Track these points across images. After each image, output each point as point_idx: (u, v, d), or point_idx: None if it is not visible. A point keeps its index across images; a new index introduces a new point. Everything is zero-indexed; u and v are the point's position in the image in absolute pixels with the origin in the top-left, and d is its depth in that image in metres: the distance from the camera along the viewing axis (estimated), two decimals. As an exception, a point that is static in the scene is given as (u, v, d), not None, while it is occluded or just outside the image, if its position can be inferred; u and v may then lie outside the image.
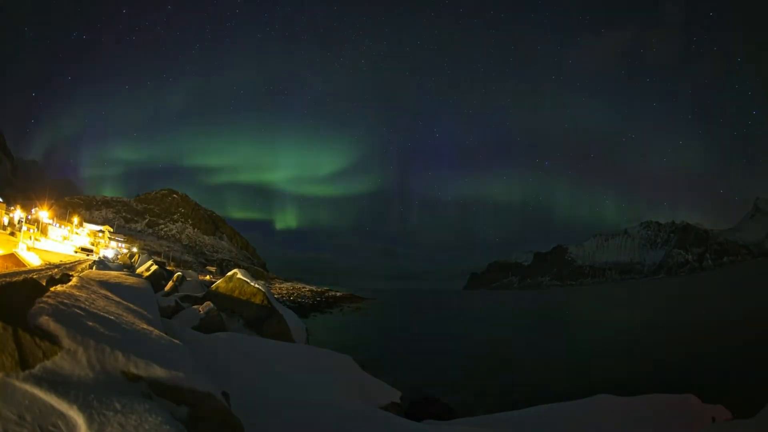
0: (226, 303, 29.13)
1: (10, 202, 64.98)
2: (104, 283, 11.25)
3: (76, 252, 49.59)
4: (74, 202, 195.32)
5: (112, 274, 16.52)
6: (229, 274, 32.05)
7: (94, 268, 23.31)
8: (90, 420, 3.81)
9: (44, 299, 5.72)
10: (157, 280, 40.11)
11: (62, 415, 3.85)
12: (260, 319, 28.74)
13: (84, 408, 3.91)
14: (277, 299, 33.95)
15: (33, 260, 27.12)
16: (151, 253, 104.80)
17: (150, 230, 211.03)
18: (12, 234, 38.26)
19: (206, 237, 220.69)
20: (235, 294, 29.86)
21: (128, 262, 60.19)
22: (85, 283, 9.16)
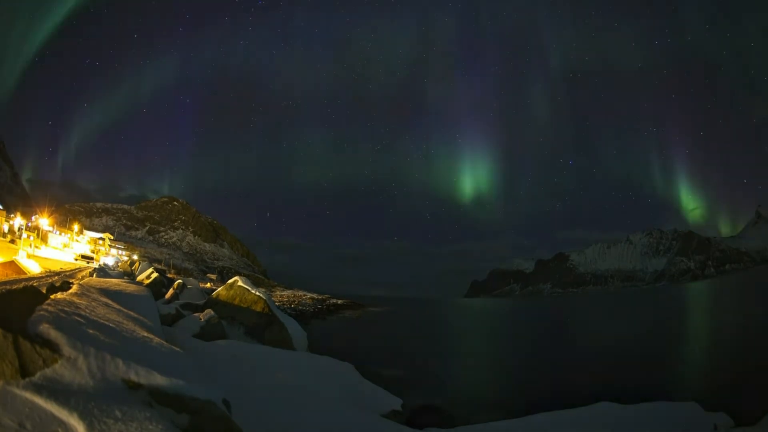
0: (227, 311, 29.02)
1: (10, 210, 65.15)
2: (105, 291, 11.28)
3: (76, 259, 49.68)
4: (74, 210, 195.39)
5: (113, 282, 16.56)
6: (230, 281, 31.96)
7: (94, 275, 23.31)
8: (90, 428, 3.82)
9: (44, 307, 5.75)
10: (157, 287, 40.00)
11: (63, 423, 3.86)
12: (261, 326, 28.59)
13: (84, 416, 3.92)
14: (278, 307, 33.82)
15: (33, 268, 27.14)
16: (151, 260, 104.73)
17: (150, 238, 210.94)
18: (12, 241, 38.31)
19: (207, 244, 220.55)
20: (236, 302, 29.75)
21: (129, 269, 60.12)
22: (85, 291, 9.19)
